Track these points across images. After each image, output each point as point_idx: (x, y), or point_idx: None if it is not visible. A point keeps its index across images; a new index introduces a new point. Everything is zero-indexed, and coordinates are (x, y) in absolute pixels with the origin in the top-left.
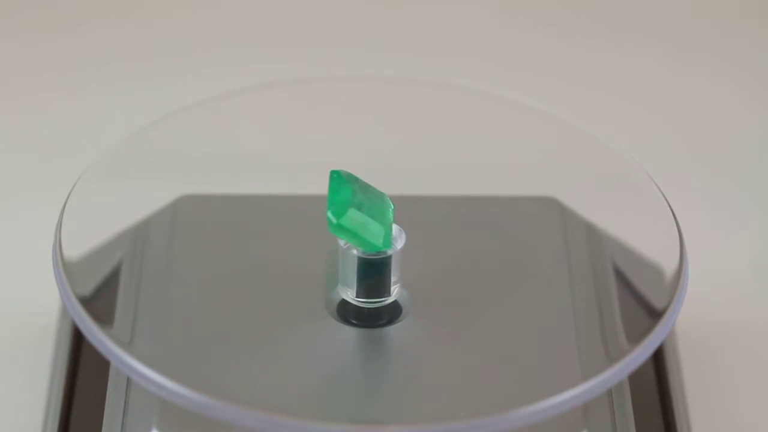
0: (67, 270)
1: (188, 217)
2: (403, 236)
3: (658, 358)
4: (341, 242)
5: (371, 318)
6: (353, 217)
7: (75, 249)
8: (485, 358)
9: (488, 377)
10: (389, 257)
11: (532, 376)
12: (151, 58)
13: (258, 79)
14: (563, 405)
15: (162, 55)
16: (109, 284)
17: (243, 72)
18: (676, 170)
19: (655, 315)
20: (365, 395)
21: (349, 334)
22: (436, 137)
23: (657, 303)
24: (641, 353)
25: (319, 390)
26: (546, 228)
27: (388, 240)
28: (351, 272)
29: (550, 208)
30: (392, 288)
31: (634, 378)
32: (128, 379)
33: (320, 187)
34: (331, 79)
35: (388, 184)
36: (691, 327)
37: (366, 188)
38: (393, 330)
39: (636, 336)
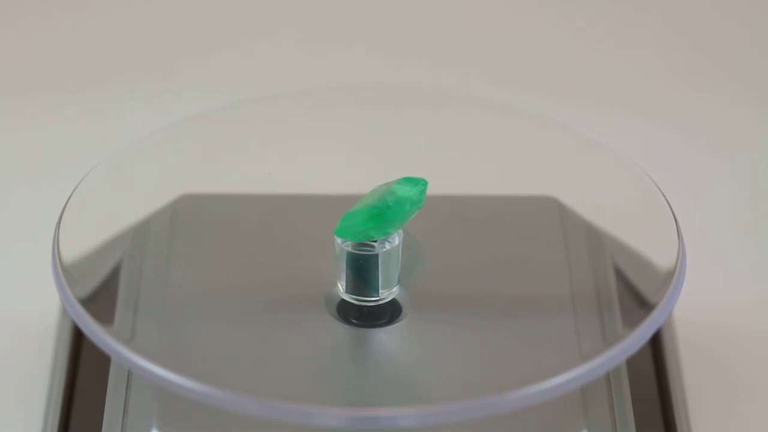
0: (65, 270)
1: (188, 217)
2: (400, 235)
3: (658, 357)
4: (338, 240)
5: (371, 317)
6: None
7: (75, 249)
8: (485, 355)
9: (488, 371)
10: (387, 253)
11: (531, 368)
12: (153, 64)
13: (259, 84)
14: (562, 387)
15: (164, 61)
16: (110, 284)
17: (243, 78)
18: (675, 170)
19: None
20: (365, 385)
21: (349, 333)
22: (436, 138)
23: (656, 301)
24: (638, 338)
25: (318, 382)
26: (546, 228)
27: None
28: (350, 270)
29: (550, 208)
30: (382, 290)
31: (634, 378)
32: (128, 380)
33: (320, 187)
34: (331, 87)
35: None
36: (691, 328)
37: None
38: (393, 329)
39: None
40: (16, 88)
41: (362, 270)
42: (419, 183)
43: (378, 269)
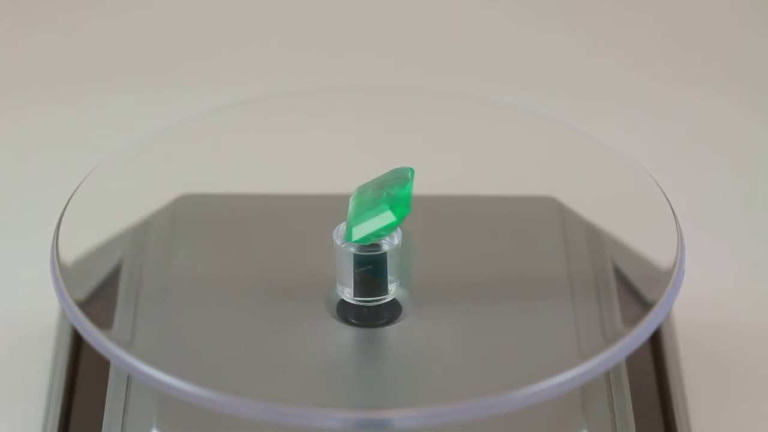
0: (64, 273)
1: (188, 217)
2: (399, 234)
3: (658, 357)
4: (337, 241)
5: (371, 317)
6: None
7: (75, 249)
8: (485, 355)
9: (488, 370)
10: (384, 254)
11: (531, 367)
12: (153, 65)
13: (259, 84)
14: (562, 386)
15: (164, 62)
16: (109, 284)
17: (243, 79)
18: (675, 169)
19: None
20: (366, 386)
21: (349, 333)
22: (435, 138)
23: (655, 299)
24: (638, 336)
25: (319, 384)
26: (546, 228)
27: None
28: (348, 270)
29: (550, 208)
30: (389, 287)
31: (634, 377)
32: (128, 380)
33: (320, 187)
34: (330, 88)
35: None
36: (691, 327)
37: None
38: (393, 329)
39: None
40: (17, 87)
41: (372, 271)
42: (409, 173)
43: (386, 268)
